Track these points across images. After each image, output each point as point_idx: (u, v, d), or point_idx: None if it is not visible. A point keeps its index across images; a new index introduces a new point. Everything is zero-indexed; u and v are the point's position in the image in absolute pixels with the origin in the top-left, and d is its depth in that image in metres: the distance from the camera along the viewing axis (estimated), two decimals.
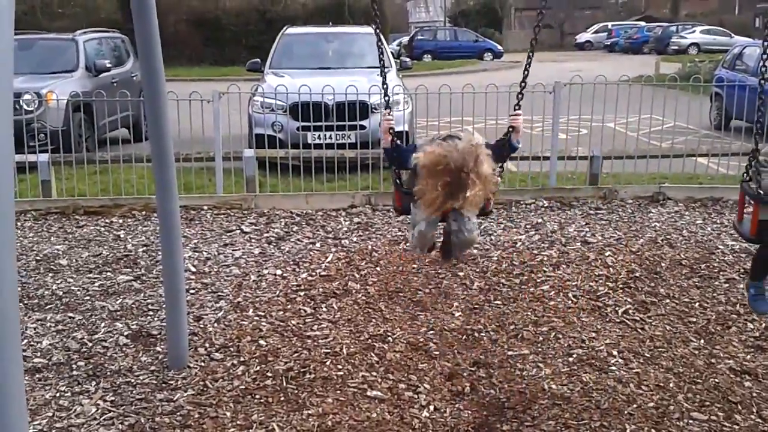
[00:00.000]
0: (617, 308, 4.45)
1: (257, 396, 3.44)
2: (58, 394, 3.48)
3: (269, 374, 3.64)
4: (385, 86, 3.42)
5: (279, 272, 5.09)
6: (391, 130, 3.31)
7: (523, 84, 3.27)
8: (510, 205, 6.80)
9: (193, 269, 5.17)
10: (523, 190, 7.18)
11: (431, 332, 4.14)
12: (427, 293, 4.71)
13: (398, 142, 3.31)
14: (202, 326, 4.22)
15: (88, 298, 4.68)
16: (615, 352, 3.85)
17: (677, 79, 8.04)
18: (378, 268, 5.14)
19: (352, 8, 29.92)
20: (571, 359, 3.79)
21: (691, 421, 3.18)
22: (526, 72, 3.34)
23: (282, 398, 3.41)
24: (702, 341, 3.99)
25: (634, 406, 3.30)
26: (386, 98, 3.39)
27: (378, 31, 3.46)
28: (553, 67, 24.26)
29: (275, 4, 32.25)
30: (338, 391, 3.46)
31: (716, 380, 3.55)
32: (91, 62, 10.47)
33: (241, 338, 4.04)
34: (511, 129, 3.29)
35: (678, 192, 7.07)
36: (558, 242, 5.74)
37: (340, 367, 3.69)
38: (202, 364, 3.77)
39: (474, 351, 3.91)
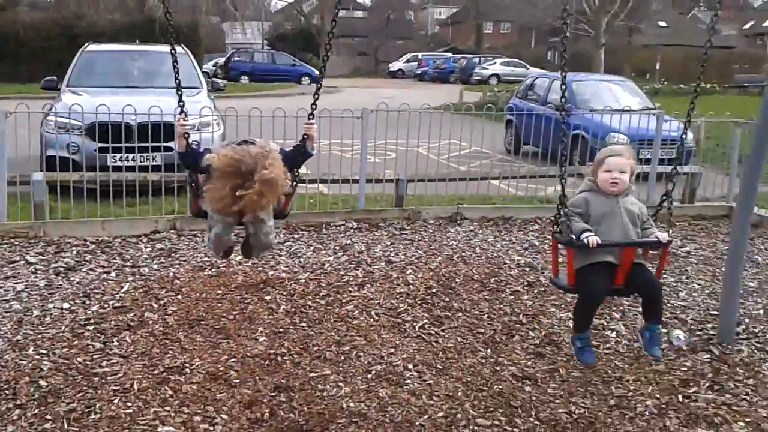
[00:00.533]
0: (415, 323, 4.64)
1: None
2: None
3: (48, 417, 3.35)
4: (180, 92, 3.54)
5: (66, 306, 4.72)
6: (185, 135, 3.39)
7: (315, 96, 3.65)
8: (320, 227, 6.88)
9: None
10: (334, 212, 7.30)
11: (233, 360, 4.05)
12: (231, 319, 4.61)
13: (192, 146, 3.40)
14: None
15: None
16: (411, 366, 4.01)
17: (472, 108, 8.62)
18: (179, 297, 4.95)
19: (163, 26, 28.88)
20: (369, 376, 3.88)
21: (476, 428, 3.38)
22: (316, 94, 3.69)
23: None
24: (489, 350, 4.27)
25: (426, 416, 3.45)
26: (180, 103, 3.49)
27: (173, 51, 3.58)
28: (367, 92, 25.10)
29: (80, 20, 30.34)
30: (126, 430, 3.26)
31: (500, 387, 3.80)
32: None
33: (19, 380, 3.68)
34: (305, 137, 3.54)
35: (474, 212, 7.56)
36: (364, 262, 5.90)
37: (129, 404, 3.48)
38: None
39: (276, 375, 3.88)
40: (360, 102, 8.27)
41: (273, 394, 3.68)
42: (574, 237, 3.50)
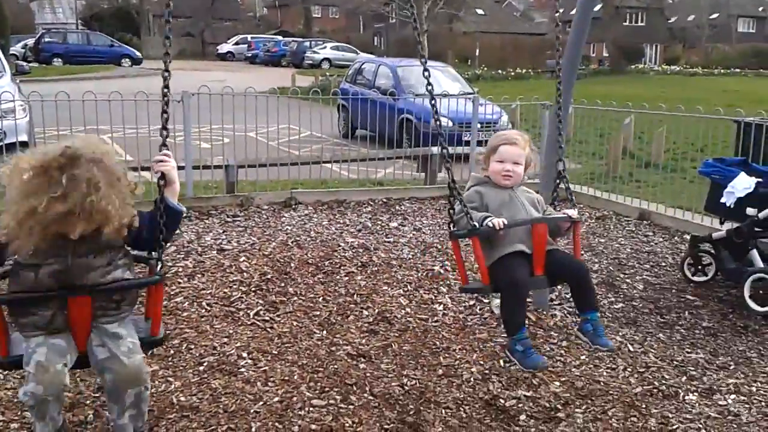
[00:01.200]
0: (249, 311, 4.59)
1: None
2: None
3: None
4: None
5: None
6: None
7: (165, 116, 2.74)
8: None
9: None
10: (151, 201, 6.98)
11: None
12: None
13: None
14: None
15: None
16: (245, 354, 3.96)
17: (298, 92, 8.61)
18: None
19: None
20: (201, 368, 3.79)
21: (311, 409, 3.41)
22: (165, 100, 2.76)
23: None
24: (324, 332, 4.32)
25: (260, 403, 3.43)
26: None
27: None
28: (195, 76, 24.18)
29: None
30: None
31: (335, 366, 3.87)
32: None
33: None
34: (160, 180, 2.60)
35: (308, 196, 7.59)
36: (194, 252, 5.72)
37: None
38: None
39: (97, 376, 3.67)
40: (188, 85, 7.94)
41: (96, 395, 3.48)
42: (476, 224, 3.09)
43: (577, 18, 4.52)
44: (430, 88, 3.27)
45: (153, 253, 2.68)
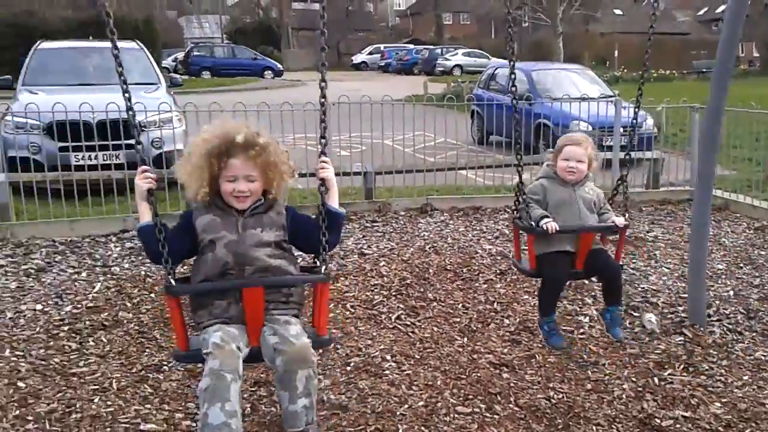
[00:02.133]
0: (391, 314, 4.67)
1: None
2: None
3: (30, 417, 3.30)
4: (136, 127, 2.67)
5: (39, 307, 4.64)
6: (151, 198, 2.54)
7: (323, 125, 2.82)
8: None
9: None
10: (304, 206, 7.28)
11: None
12: None
13: (161, 223, 2.56)
14: None
15: None
16: (389, 357, 4.03)
17: (433, 99, 8.68)
18: (152, 295, 4.90)
19: (116, 21, 28.27)
20: (349, 368, 3.90)
21: (456, 416, 3.42)
22: (323, 109, 2.83)
23: None
24: (465, 339, 4.32)
25: (406, 406, 3.48)
26: (138, 145, 2.64)
27: (115, 52, 2.77)
28: (332, 85, 24.92)
29: (32, 17, 29.56)
30: (108, 429, 3.23)
31: (478, 374, 3.85)
32: None
33: None
34: (321, 185, 2.73)
35: (443, 203, 7.62)
36: (337, 256, 5.91)
37: (110, 403, 3.45)
38: None
39: (255, 371, 3.87)
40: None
41: (253, 389, 3.68)
42: (533, 223, 3.66)
43: (729, 15, 4.23)
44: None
45: (316, 258, 2.81)
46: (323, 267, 2.73)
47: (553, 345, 3.97)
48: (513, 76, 3.78)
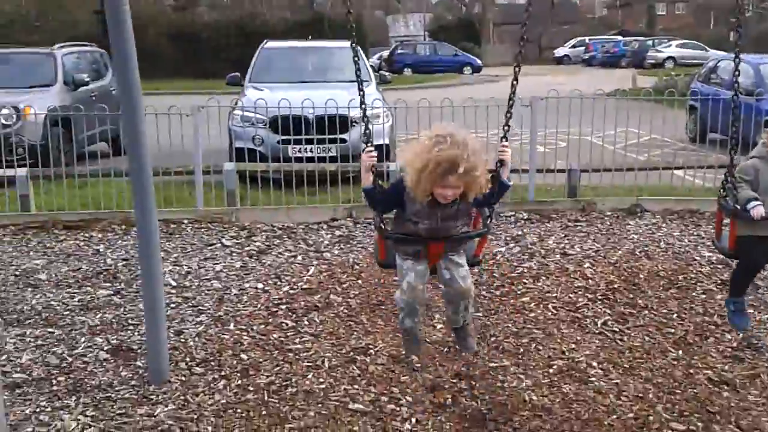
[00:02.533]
0: (596, 319, 4.48)
1: (238, 410, 3.42)
2: (38, 410, 3.44)
3: (251, 388, 3.62)
4: (365, 119, 3.09)
5: (260, 286, 5.08)
6: (373, 169, 2.99)
7: (508, 115, 3.17)
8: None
9: (174, 283, 5.14)
10: (503, 202, 7.21)
11: None
12: None
13: (380, 182, 3.04)
14: (182, 340, 4.19)
15: (67, 312, 4.63)
16: (594, 363, 3.88)
17: (651, 93, 8.14)
18: (359, 281, 5.14)
19: (332, 22, 30.05)
20: (551, 370, 3.81)
21: None
22: (511, 102, 3.19)
23: (263, 412, 3.40)
24: (680, 352, 4.03)
25: (614, 416, 3.33)
26: (366, 131, 3.06)
27: (355, 46, 3.16)
28: (532, 80, 24.48)
29: (254, 19, 32.34)
30: (320, 405, 3.45)
31: (695, 391, 3.58)
32: (69, 76, 10.42)
33: (222, 352, 4.01)
34: (499, 164, 3.03)
35: (655, 204, 7.16)
36: (538, 254, 5.79)
37: (322, 380, 3.68)
38: (183, 378, 3.74)
39: (455, 363, 3.92)
40: (525, 90, 8.03)
41: (454, 380, 3.73)
42: (738, 207, 3.61)
43: None
44: None
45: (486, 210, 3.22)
46: (488, 220, 3.19)
47: (736, 324, 3.90)
48: (737, 71, 3.61)
